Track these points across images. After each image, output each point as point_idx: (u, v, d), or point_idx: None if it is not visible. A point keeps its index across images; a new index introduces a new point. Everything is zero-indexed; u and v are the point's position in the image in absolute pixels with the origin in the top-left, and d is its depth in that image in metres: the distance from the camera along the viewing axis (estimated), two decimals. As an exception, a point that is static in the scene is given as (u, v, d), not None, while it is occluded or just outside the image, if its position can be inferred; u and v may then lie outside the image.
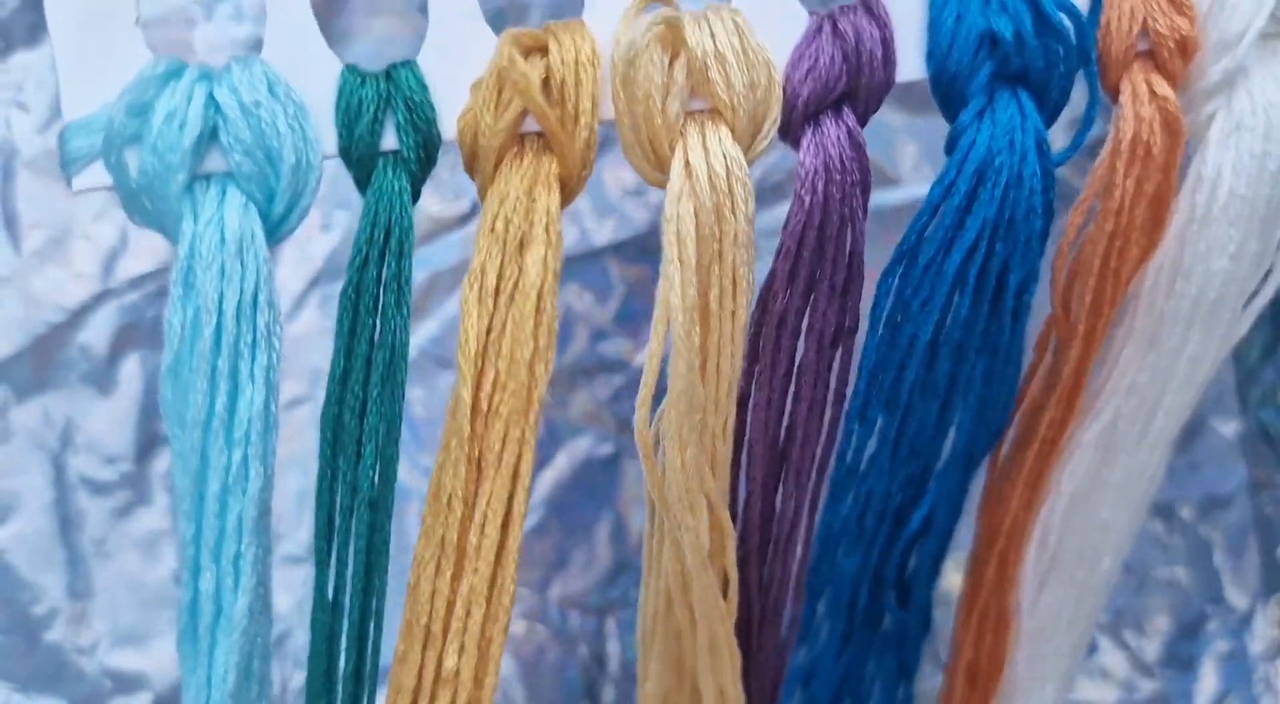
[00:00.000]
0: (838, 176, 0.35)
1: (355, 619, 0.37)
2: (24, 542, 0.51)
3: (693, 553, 0.37)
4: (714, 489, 0.37)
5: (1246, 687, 0.53)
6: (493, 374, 0.35)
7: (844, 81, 0.36)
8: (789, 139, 0.36)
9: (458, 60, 0.35)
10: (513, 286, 0.35)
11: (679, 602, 0.38)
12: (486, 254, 0.35)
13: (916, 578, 0.41)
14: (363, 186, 0.35)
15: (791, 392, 0.38)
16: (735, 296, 0.35)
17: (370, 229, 0.34)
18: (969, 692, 0.44)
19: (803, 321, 0.37)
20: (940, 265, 0.36)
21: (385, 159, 0.35)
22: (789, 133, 0.36)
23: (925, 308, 0.36)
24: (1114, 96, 0.36)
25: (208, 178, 0.34)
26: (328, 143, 0.35)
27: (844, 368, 0.38)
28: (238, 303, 0.33)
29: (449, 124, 0.35)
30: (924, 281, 0.36)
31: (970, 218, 0.36)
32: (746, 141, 0.35)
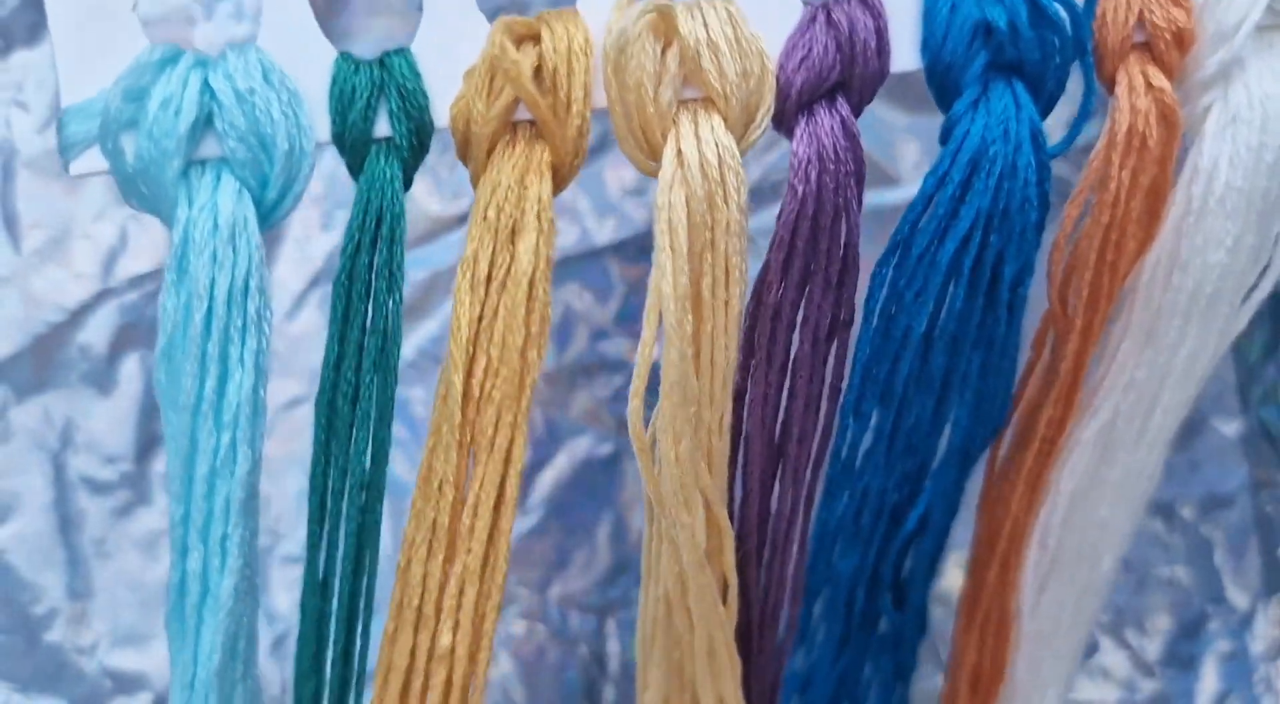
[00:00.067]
0: (831, 166, 0.35)
1: (345, 601, 0.37)
2: (24, 541, 0.51)
3: (688, 551, 0.37)
4: (710, 486, 0.36)
5: (1247, 686, 0.53)
6: (484, 361, 0.35)
7: (838, 71, 0.36)
8: (783, 128, 0.36)
9: (452, 48, 0.35)
10: (504, 274, 0.35)
11: (678, 607, 0.38)
12: (479, 242, 0.35)
13: (913, 579, 0.41)
14: (355, 173, 0.35)
15: (787, 386, 0.38)
16: (728, 286, 0.35)
17: (362, 216, 0.35)
18: (971, 696, 0.43)
19: (798, 314, 0.37)
20: (934, 256, 0.36)
21: (378, 146, 0.35)
22: (783, 122, 0.36)
23: (919, 299, 0.36)
24: (1110, 88, 0.36)
25: (203, 163, 0.34)
26: (321, 130, 0.35)
27: (839, 362, 0.38)
28: (229, 288, 0.34)
29: (442, 112, 0.35)
30: (917, 272, 0.36)
31: (964, 208, 0.36)
32: (739, 131, 0.35)
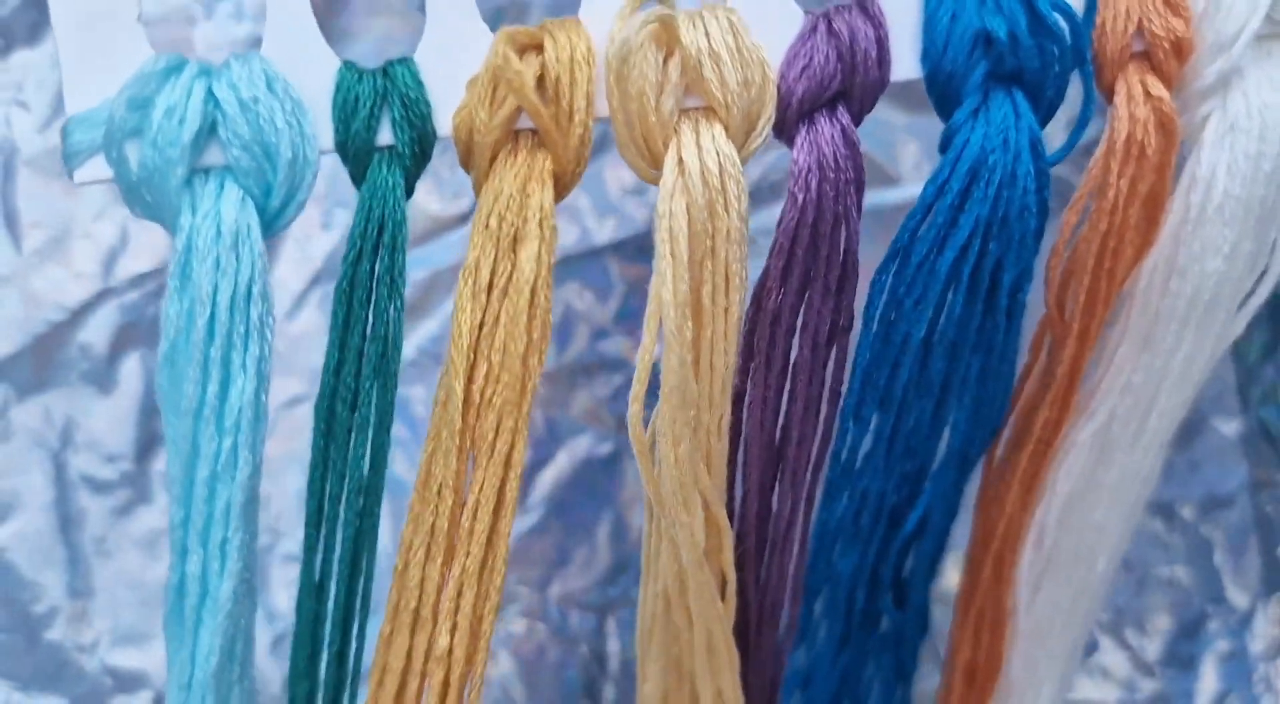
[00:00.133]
0: (831, 175, 0.35)
1: (341, 603, 0.37)
2: (24, 540, 0.51)
3: (688, 550, 0.37)
4: (709, 487, 0.37)
5: (1247, 686, 0.53)
6: (485, 367, 0.35)
7: (838, 80, 0.36)
8: (783, 137, 0.36)
9: (455, 58, 0.35)
10: (506, 281, 0.35)
11: (676, 603, 0.38)
12: (480, 250, 0.35)
13: (913, 579, 0.42)
14: (358, 181, 0.35)
15: (787, 390, 0.38)
16: (728, 293, 0.35)
17: (364, 223, 0.35)
18: (966, 692, 0.44)
19: (797, 319, 0.37)
20: (933, 263, 0.36)
21: (380, 154, 0.35)
22: (783, 131, 0.36)
23: (919, 306, 0.36)
24: (1109, 97, 0.37)
25: (206, 172, 0.34)
26: (325, 138, 0.35)
27: (839, 366, 0.38)
28: (232, 294, 0.34)
29: (445, 120, 0.35)
30: (917, 279, 0.36)
31: (964, 216, 0.36)
32: (740, 139, 0.35)
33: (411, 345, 0.53)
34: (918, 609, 0.42)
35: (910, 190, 0.54)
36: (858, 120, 0.36)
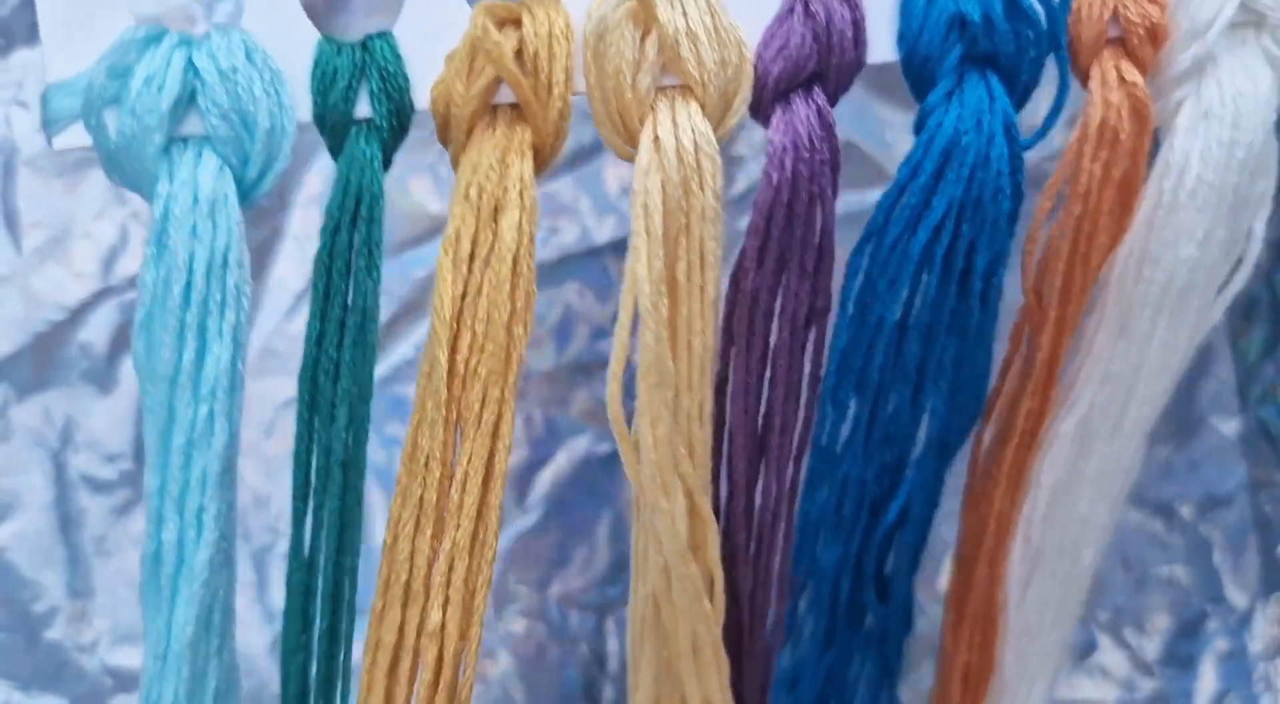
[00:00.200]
0: (806, 154, 0.36)
1: (330, 577, 0.37)
2: (24, 540, 0.51)
3: (669, 540, 0.37)
4: (691, 474, 0.37)
5: (1246, 686, 0.53)
6: (469, 337, 0.35)
7: (814, 61, 0.36)
8: (760, 117, 0.36)
9: (434, 33, 0.36)
10: (488, 251, 0.35)
11: (664, 602, 0.38)
12: (461, 220, 0.35)
13: (896, 572, 0.41)
14: (336, 154, 0.36)
15: (768, 376, 0.38)
16: (703, 271, 0.36)
17: (342, 195, 0.35)
18: (962, 693, 0.43)
19: (775, 302, 0.37)
20: (906, 244, 0.36)
21: (358, 127, 0.35)
22: (759, 111, 0.36)
23: (892, 287, 0.37)
24: (1085, 82, 0.37)
25: (185, 141, 0.35)
26: (304, 110, 0.35)
27: (818, 351, 0.38)
28: (208, 262, 0.34)
29: (423, 95, 0.36)
30: (890, 260, 0.36)
31: (936, 197, 0.36)
32: (717, 118, 0.36)
33: (410, 344, 0.53)
34: (901, 604, 0.42)
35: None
36: (833, 101, 0.36)
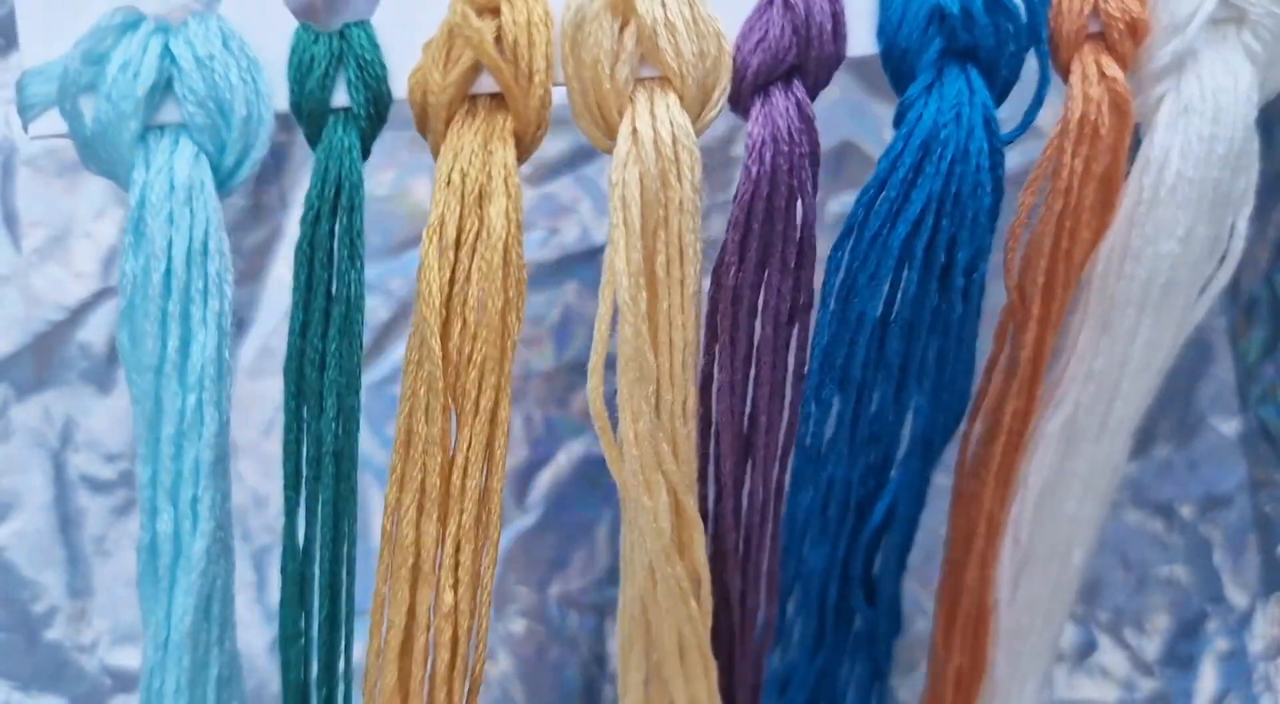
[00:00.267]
0: (785, 147, 0.36)
1: (327, 567, 0.37)
2: (24, 540, 0.51)
3: (652, 538, 0.37)
4: (675, 472, 0.37)
5: (1246, 686, 0.52)
6: (459, 324, 0.35)
7: (794, 53, 0.36)
8: (739, 109, 0.36)
9: (412, 23, 0.35)
10: (474, 238, 0.35)
11: (650, 602, 0.38)
12: (445, 206, 0.35)
13: (883, 574, 0.41)
14: (314, 143, 0.35)
15: (752, 374, 0.38)
16: (682, 264, 0.35)
17: (321, 185, 0.35)
18: (955, 695, 0.43)
19: (759, 298, 0.37)
20: (886, 239, 0.36)
21: (336, 116, 0.35)
22: (739, 103, 0.36)
23: (873, 282, 0.36)
24: (1065, 77, 0.37)
25: (161, 128, 0.35)
26: (281, 99, 0.35)
27: (802, 348, 0.38)
28: (187, 249, 0.34)
29: (401, 83, 0.36)
30: (870, 255, 0.36)
31: (915, 191, 0.36)
32: (695, 110, 0.36)
33: (409, 344, 0.53)
34: (889, 606, 0.42)
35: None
36: (813, 94, 0.36)
